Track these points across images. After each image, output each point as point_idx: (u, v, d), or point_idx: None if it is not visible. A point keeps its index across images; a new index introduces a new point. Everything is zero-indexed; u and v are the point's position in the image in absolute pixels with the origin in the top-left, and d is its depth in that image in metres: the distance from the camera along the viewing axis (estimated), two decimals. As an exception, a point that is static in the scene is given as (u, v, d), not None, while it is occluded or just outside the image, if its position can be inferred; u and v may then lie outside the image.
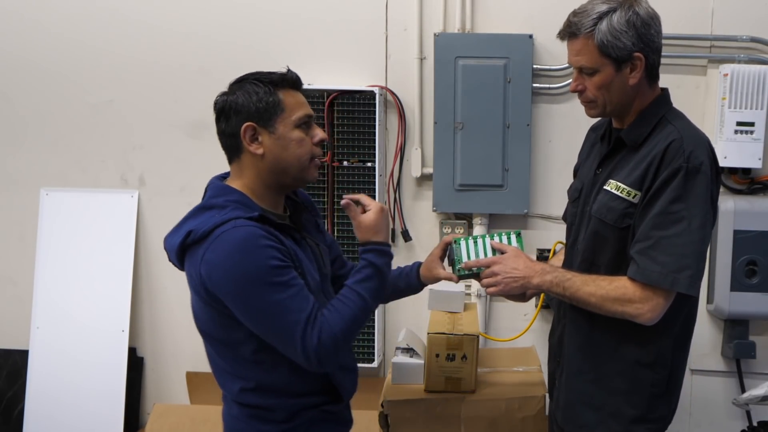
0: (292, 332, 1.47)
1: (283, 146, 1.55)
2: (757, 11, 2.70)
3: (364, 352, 2.80)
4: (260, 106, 1.53)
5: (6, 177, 3.03)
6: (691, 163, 1.57)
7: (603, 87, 1.65)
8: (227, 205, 1.52)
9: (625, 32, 1.60)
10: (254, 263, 1.45)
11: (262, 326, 1.50)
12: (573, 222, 1.84)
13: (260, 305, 1.47)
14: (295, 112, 1.56)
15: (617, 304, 1.61)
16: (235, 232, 1.46)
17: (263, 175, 1.57)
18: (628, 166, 1.67)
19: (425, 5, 2.77)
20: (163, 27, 2.87)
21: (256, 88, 1.54)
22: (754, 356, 2.74)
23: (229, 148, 1.58)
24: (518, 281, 1.71)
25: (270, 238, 1.48)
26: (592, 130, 1.93)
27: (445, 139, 2.74)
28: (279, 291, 1.46)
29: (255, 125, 1.53)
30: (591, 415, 1.74)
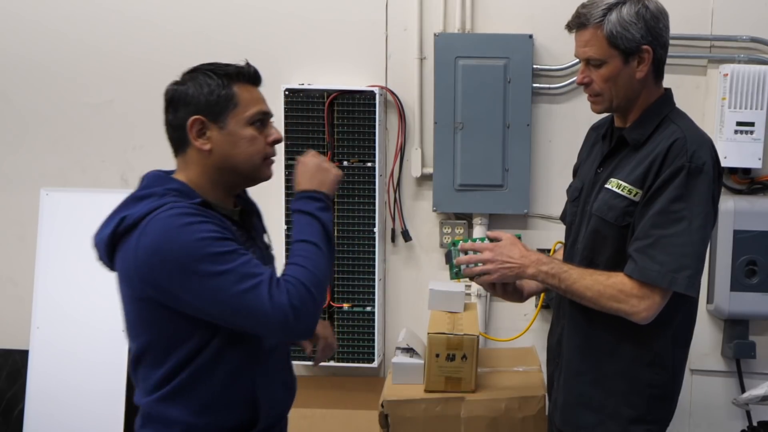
0: (257, 296, 1.34)
1: (232, 143, 1.45)
2: (757, 11, 2.70)
3: (364, 352, 2.80)
4: (211, 99, 1.43)
5: (6, 177, 3.03)
6: (693, 163, 1.57)
7: (610, 79, 1.64)
8: (166, 193, 1.41)
9: (635, 24, 1.59)
10: (193, 237, 1.33)
11: (220, 304, 1.35)
12: (573, 221, 1.83)
13: (211, 281, 1.34)
14: (249, 109, 1.46)
15: (613, 300, 1.60)
16: (170, 211, 1.36)
17: (209, 172, 1.47)
18: (630, 164, 1.67)
19: (425, 5, 2.77)
20: (163, 27, 2.87)
21: (208, 79, 1.45)
22: (754, 356, 2.74)
23: (175, 140, 1.49)
24: (513, 270, 1.67)
25: (208, 216, 1.38)
26: (592, 129, 1.93)
27: (445, 139, 2.74)
28: (227, 260, 1.34)
29: (204, 119, 1.43)
30: (589, 416, 1.74)
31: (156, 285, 1.36)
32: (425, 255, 2.90)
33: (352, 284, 2.78)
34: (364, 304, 2.79)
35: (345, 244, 2.76)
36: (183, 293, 1.35)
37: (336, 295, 2.79)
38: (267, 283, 1.36)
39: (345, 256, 2.77)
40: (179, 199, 1.39)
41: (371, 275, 2.77)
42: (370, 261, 2.77)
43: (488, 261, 1.69)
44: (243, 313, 1.36)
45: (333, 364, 2.82)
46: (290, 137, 2.73)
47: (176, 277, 1.34)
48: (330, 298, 2.79)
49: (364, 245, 2.76)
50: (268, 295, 1.34)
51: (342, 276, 2.78)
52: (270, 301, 1.34)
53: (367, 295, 2.78)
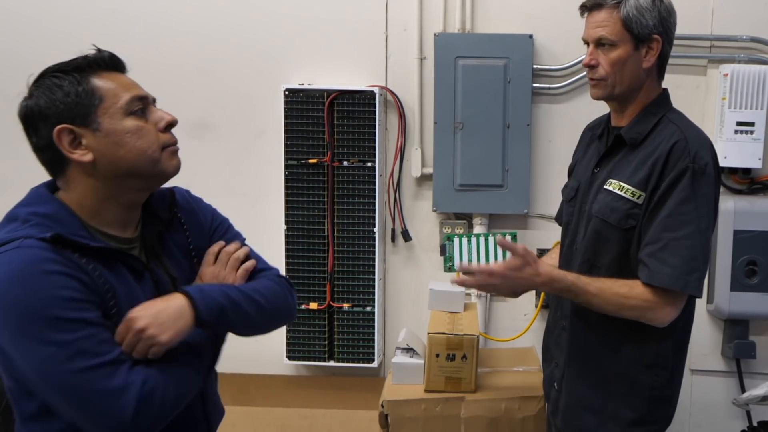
0: (88, 385, 1.11)
1: (116, 143, 1.22)
2: (757, 11, 2.70)
3: (364, 352, 2.80)
4: (68, 101, 1.21)
5: (6, 177, 3.02)
6: (697, 164, 1.57)
7: (618, 63, 1.63)
8: (30, 219, 1.20)
9: (650, 11, 1.61)
10: (34, 293, 1.11)
11: (43, 381, 1.12)
12: (570, 221, 1.83)
13: (38, 348, 1.10)
14: (120, 98, 1.23)
15: (635, 311, 1.60)
16: (15, 255, 1.13)
17: (99, 187, 1.24)
18: (630, 165, 1.66)
19: (425, 5, 2.77)
20: (163, 26, 2.87)
21: (58, 81, 1.23)
22: (754, 356, 2.74)
23: (50, 163, 1.25)
24: (523, 288, 1.65)
25: (63, 263, 1.14)
26: (588, 129, 1.92)
27: (445, 139, 2.74)
28: (67, 329, 1.11)
29: (71, 126, 1.21)
30: (591, 418, 1.74)
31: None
32: (425, 255, 2.90)
33: (352, 284, 2.78)
34: (364, 304, 2.79)
35: (345, 244, 2.76)
36: (11, 351, 1.14)
37: (336, 295, 2.79)
38: (108, 369, 1.13)
39: (345, 256, 2.77)
40: (37, 229, 1.17)
41: (371, 275, 2.77)
42: (370, 261, 2.77)
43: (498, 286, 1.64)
44: (63, 400, 1.14)
45: (333, 364, 2.82)
46: (290, 137, 2.73)
47: (6, 333, 1.13)
48: (330, 298, 2.79)
49: (364, 245, 2.76)
50: (104, 385, 1.12)
51: (342, 276, 2.78)
52: (104, 395, 1.12)
53: (367, 295, 2.78)
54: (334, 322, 2.80)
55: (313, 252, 2.78)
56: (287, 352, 2.82)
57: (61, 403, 1.15)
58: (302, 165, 2.74)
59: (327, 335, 2.81)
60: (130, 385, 1.15)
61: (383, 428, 2.15)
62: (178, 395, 1.21)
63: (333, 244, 2.77)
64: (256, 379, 2.88)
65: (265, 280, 1.41)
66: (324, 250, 2.77)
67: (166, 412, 1.20)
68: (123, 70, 1.31)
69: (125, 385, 1.14)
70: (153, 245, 1.34)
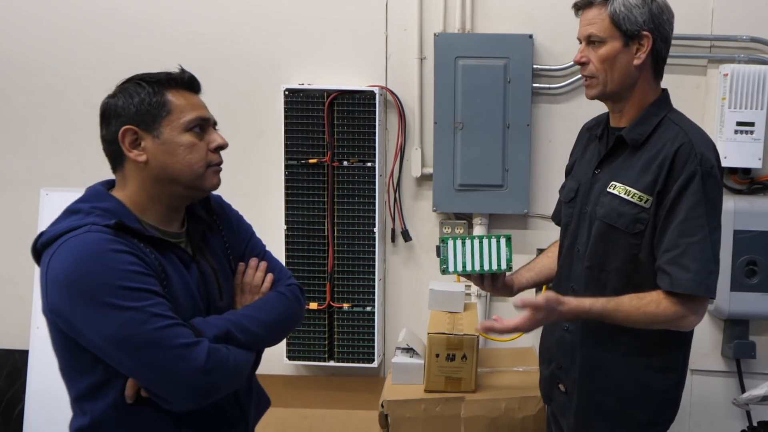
0: (165, 342, 1.24)
1: (169, 152, 1.37)
2: (757, 11, 2.70)
3: (364, 352, 2.80)
4: (141, 107, 1.36)
5: (6, 177, 3.03)
6: (704, 167, 1.58)
7: (607, 60, 1.64)
8: (92, 211, 1.33)
9: (639, 8, 1.62)
10: (106, 268, 1.24)
11: (121, 345, 1.24)
12: (569, 222, 1.82)
13: (116, 314, 1.23)
14: (186, 115, 1.38)
15: (666, 324, 1.62)
16: (86, 237, 1.26)
17: (148, 186, 1.39)
18: (634, 168, 1.65)
19: (425, 5, 2.77)
20: (163, 26, 2.87)
21: (138, 88, 1.38)
22: (754, 356, 2.74)
23: (111, 155, 1.41)
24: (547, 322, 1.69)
25: (127, 245, 1.28)
26: (585, 130, 1.91)
27: (445, 139, 2.74)
28: (139, 297, 1.25)
29: (136, 129, 1.36)
30: (602, 422, 1.73)
31: (58, 312, 1.27)
32: (425, 255, 2.90)
33: (352, 284, 2.78)
34: (364, 304, 2.79)
35: (345, 244, 2.76)
36: (83, 326, 1.25)
37: (336, 295, 2.79)
38: (182, 330, 1.27)
39: (345, 256, 2.77)
40: (103, 219, 1.30)
41: (371, 275, 2.77)
42: (370, 261, 2.77)
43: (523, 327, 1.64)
44: (139, 363, 1.26)
45: (333, 364, 2.82)
46: (290, 137, 2.73)
47: (80, 307, 1.24)
48: (330, 298, 2.79)
49: (364, 245, 2.76)
50: (179, 344, 1.25)
51: (342, 276, 2.78)
52: (181, 350, 1.25)
53: (367, 295, 2.78)
54: (334, 322, 2.80)
55: (313, 252, 2.78)
56: (287, 352, 2.82)
57: (136, 363, 1.26)
58: (302, 165, 2.74)
59: (327, 335, 2.81)
60: (200, 342, 1.29)
61: (383, 428, 2.15)
62: (237, 364, 1.35)
63: (333, 244, 2.77)
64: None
65: (272, 293, 1.53)
66: (324, 250, 2.77)
67: (229, 375, 1.33)
68: (197, 90, 1.46)
69: (196, 341, 1.28)
70: (197, 241, 1.48)
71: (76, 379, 1.35)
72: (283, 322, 1.52)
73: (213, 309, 1.44)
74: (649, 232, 1.62)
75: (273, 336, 1.50)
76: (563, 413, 1.84)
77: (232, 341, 1.37)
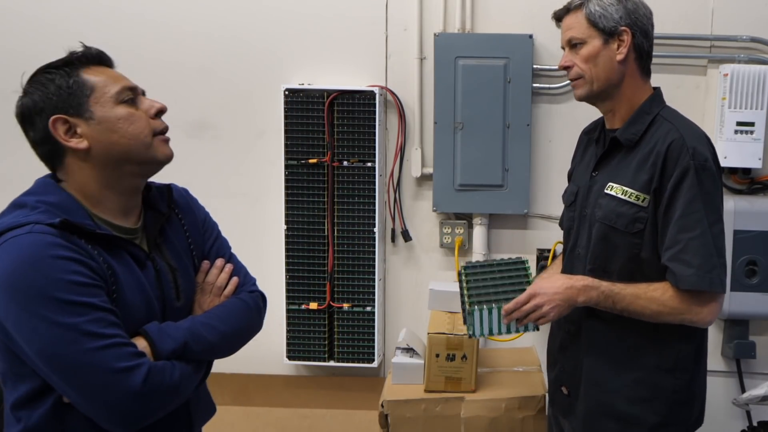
0: (95, 365, 1.15)
1: (109, 129, 1.27)
2: (757, 11, 2.70)
3: (364, 352, 2.80)
4: (61, 94, 1.27)
5: (6, 177, 3.02)
6: (697, 160, 1.58)
7: (590, 59, 1.68)
8: (38, 206, 1.23)
9: (614, 5, 1.66)
10: (44, 276, 1.15)
11: (48, 361, 1.15)
12: (571, 227, 1.82)
13: (46, 329, 1.14)
14: (110, 88, 1.29)
15: (675, 314, 1.61)
16: (26, 239, 1.17)
17: (96, 175, 1.29)
18: (630, 168, 1.66)
19: (425, 5, 2.77)
20: (164, 26, 2.87)
21: (49, 77, 1.30)
22: (754, 356, 2.74)
23: (47, 156, 1.31)
24: (564, 303, 1.65)
25: (72, 249, 1.19)
26: (584, 134, 1.92)
27: (445, 139, 2.74)
28: (75, 312, 1.15)
29: (65, 117, 1.26)
30: (612, 424, 1.72)
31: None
32: (425, 255, 2.90)
33: (352, 284, 2.78)
34: (364, 304, 2.79)
35: (345, 244, 2.76)
36: (15, 334, 1.17)
37: (336, 295, 2.79)
38: (115, 350, 1.17)
39: (345, 256, 2.77)
40: (47, 217, 1.21)
41: (371, 275, 2.77)
42: (370, 261, 2.77)
43: (538, 307, 1.65)
44: (67, 383, 1.17)
45: (333, 364, 2.82)
46: (290, 137, 2.73)
47: (13, 313, 1.16)
48: (330, 298, 2.79)
49: (364, 245, 2.76)
50: (110, 367, 1.16)
51: (342, 276, 2.78)
52: (111, 375, 1.16)
53: (367, 295, 2.78)
54: (334, 322, 2.80)
55: (313, 252, 2.78)
56: (287, 352, 2.82)
57: (64, 383, 1.18)
58: (302, 165, 2.74)
59: (327, 335, 2.81)
60: (137, 366, 1.19)
61: (383, 428, 2.15)
62: (180, 384, 1.26)
63: (333, 244, 2.77)
64: (256, 379, 2.88)
65: (233, 299, 1.46)
66: (324, 250, 2.77)
67: (168, 397, 1.24)
68: (110, 65, 1.36)
69: (132, 365, 1.18)
70: (154, 236, 1.38)
71: (17, 384, 1.25)
72: (241, 333, 1.43)
73: (168, 310, 1.35)
74: (649, 231, 1.63)
75: (228, 347, 1.41)
76: (565, 415, 1.84)
77: (189, 354, 1.30)
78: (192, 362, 1.31)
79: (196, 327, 1.34)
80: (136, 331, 1.27)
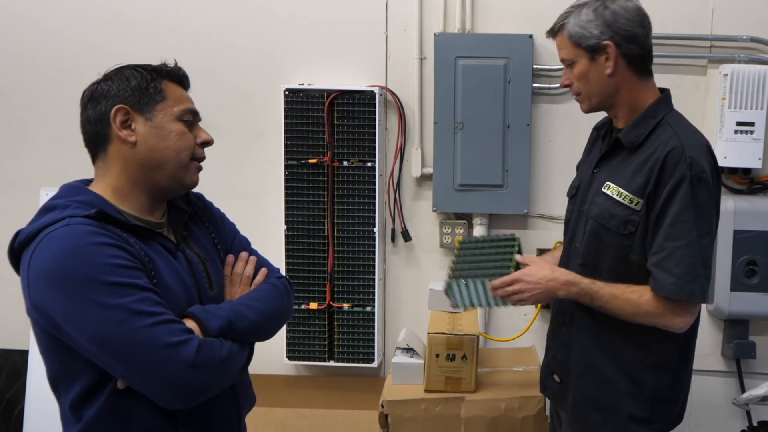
0: (147, 341, 1.18)
1: (160, 136, 1.34)
2: (757, 11, 2.70)
3: (364, 352, 2.80)
4: (139, 89, 1.35)
5: (6, 177, 3.03)
6: (693, 171, 1.59)
7: (582, 78, 1.71)
8: (70, 204, 1.27)
9: (592, 22, 1.67)
10: (88, 263, 1.18)
11: (102, 344, 1.18)
12: (570, 219, 1.85)
13: (97, 312, 1.17)
14: (179, 105, 1.38)
15: (649, 317, 1.64)
16: (65, 231, 1.21)
17: (131, 170, 1.34)
18: (628, 170, 1.68)
19: (425, 5, 2.77)
20: (164, 26, 2.87)
21: (135, 73, 1.37)
22: (754, 356, 2.74)
23: (94, 138, 1.35)
24: (544, 293, 1.71)
25: (110, 236, 1.23)
26: (594, 129, 1.93)
27: (445, 139, 2.74)
28: (122, 294, 1.18)
29: (129, 108, 1.33)
30: (597, 415, 1.76)
31: (40, 309, 1.22)
32: (425, 255, 2.90)
33: (352, 284, 2.78)
34: (364, 304, 2.79)
35: (345, 244, 2.76)
36: (65, 323, 1.20)
37: (336, 295, 2.79)
38: (168, 323, 1.21)
39: (345, 256, 2.77)
40: (82, 210, 1.25)
41: (371, 275, 2.77)
42: (370, 261, 2.77)
43: (519, 291, 1.72)
44: (124, 361, 1.20)
45: (333, 364, 2.82)
46: (290, 137, 2.73)
47: (61, 304, 1.19)
48: (330, 298, 2.79)
49: (364, 245, 2.76)
50: (166, 341, 1.19)
51: (342, 276, 2.78)
52: (167, 349, 1.19)
53: (367, 295, 2.78)
54: (334, 322, 2.80)
55: (313, 252, 2.78)
56: (287, 352, 2.82)
57: (119, 364, 1.20)
58: (302, 165, 2.74)
59: (327, 335, 2.81)
60: (188, 341, 1.23)
61: (383, 428, 2.15)
62: (229, 358, 1.30)
63: (333, 244, 2.77)
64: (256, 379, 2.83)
65: (265, 285, 1.51)
66: (324, 250, 2.77)
67: (220, 371, 1.28)
68: (186, 87, 1.47)
69: (183, 340, 1.22)
70: (180, 230, 1.44)
71: (71, 384, 1.28)
72: (277, 314, 1.49)
73: (204, 299, 1.39)
74: (640, 234, 1.65)
75: (268, 328, 1.46)
76: (559, 403, 1.88)
77: (234, 332, 1.34)
78: (238, 341, 1.35)
79: (237, 307, 1.39)
80: (182, 315, 1.31)
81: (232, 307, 1.38)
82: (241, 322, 1.36)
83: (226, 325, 1.33)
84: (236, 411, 1.47)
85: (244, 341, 1.38)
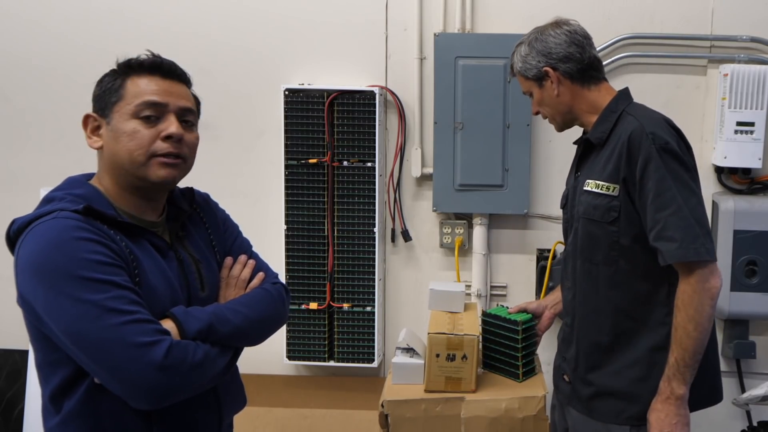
0: (117, 340, 1.18)
1: (115, 138, 1.33)
2: (757, 11, 2.70)
3: (364, 352, 2.80)
4: (102, 93, 1.35)
5: (6, 177, 3.03)
6: (657, 144, 1.66)
7: (541, 103, 1.89)
8: (65, 197, 1.30)
9: (529, 54, 1.85)
10: (67, 257, 1.19)
11: (74, 337, 1.19)
12: (567, 228, 1.93)
13: (71, 306, 1.18)
14: (135, 100, 1.33)
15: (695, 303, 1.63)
16: (51, 224, 1.23)
17: (111, 172, 1.36)
18: (600, 163, 1.76)
19: (425, 5, 2.78)
20: (163, 27, 2.88)
21: (105, 77, 1.38)
22: (754, 356, 2.74)
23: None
24: (678, 417, 1.69)
25: (94, 232, 1.24)
26: (574, 143, 2.00)
27: (445, 139, 2.74)
28: (97, 290, 1.19)
29: (95, 115, 1.36)
30: (615, 402, 1.79)
31: (24, 298, 1.24)
32: (425, 255, 2.90)
33: (352, 284, 2.78)
34: (364, 304, 2.79)
35: (345, 244, 2.76)
36: (44, 314, 1.21)
37: (336, 295, 2.79)
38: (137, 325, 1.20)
39: (345, 256, 2.77)
40: (72, 205, 1.27)
41: (371, 275, 2.78)
42: (370, 261, 2.77)
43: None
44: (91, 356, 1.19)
45: (333, 364, 2.82)
46: (290, 137, 2.73)
47: (41, 295, 1.20)
48: (330, 298, 2.79)
49: (364, 245, 2.76)
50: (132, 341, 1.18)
51: (342, 276, 2.78)
52: (135, 349, 1.18)
53: (367, 295, 2.78)
54: (334, 322, 2.80)
55: (313, 252, 2.78)
56: (287, 352, 2.82)
57: (89, 359, 1.20)
58: (302, 165, 2.74)
59: (327, 335, 2.81)
60: (159, 342, 1.21)
61: (383, 428, 2.15)
62: (204, 362, 1.28)
63: (333, 244, 2.77)
64: (256, 379, 2.88)
65: (257, 289, 1.50)
66: (324, 250, 2.77)
67: (190, 378, 1.25)
68: (172, 76, 1.42)
69: (154, 340, 1.21)
70: (176, 230, 1.44)
71: (51, 374, 1.29)
72: (266, 319, 1.46)
73: (194, 300, 1.39)
74: (624, 218, 1.72)
75: (256, 334, 1.44)
76: (570, 401, 1.91)
77: (215, 335, 1.32)
78: (218, 345, 1.33)
79: (221, 311, 1.37)
80: (163, 315, 1.30)
81: (216, 310, 1.37)
82: (223, 325, 1.34)
83: (206, 328, 1.31)
84: (216, 414, 1.45)
85: (226, 345, 1.35)
